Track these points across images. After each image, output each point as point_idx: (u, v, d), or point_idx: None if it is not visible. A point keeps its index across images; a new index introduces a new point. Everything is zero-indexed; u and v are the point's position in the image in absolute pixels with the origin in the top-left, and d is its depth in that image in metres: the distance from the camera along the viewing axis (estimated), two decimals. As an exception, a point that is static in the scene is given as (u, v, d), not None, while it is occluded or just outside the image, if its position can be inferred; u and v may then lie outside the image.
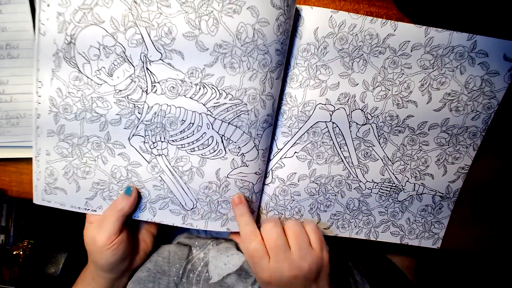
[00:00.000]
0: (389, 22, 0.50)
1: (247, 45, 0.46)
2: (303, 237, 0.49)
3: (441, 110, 0.54)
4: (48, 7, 0.44)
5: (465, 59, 0.52)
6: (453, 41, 0.51)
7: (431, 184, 0.58)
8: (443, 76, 0.52)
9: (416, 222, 0.59)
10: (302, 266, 0.47)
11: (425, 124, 0.55)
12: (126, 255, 0.51)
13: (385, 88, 0.52)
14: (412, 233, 0.60)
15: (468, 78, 0.53)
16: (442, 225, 0.60)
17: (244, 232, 0.50)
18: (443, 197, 0.59)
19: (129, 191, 0.50)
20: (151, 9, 0.44)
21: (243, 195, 0.52)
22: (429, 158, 0.56)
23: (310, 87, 0.51)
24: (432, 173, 0.57)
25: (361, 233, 0.59)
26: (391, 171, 0.56)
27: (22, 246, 1.17)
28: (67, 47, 0.45)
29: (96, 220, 0.50)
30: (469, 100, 0.54)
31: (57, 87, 0.46)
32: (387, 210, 0.58)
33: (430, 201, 0.59)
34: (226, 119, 0.48)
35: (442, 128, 0.55)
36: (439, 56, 0.52)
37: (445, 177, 0.58)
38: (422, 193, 0.58)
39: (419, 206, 0.59)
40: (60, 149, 0.49)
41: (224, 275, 0.53)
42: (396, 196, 0.58)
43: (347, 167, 0.55)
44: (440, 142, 0.56)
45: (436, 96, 0.53)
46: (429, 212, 0.59)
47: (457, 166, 0.57)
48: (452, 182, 0.58)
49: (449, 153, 0.56)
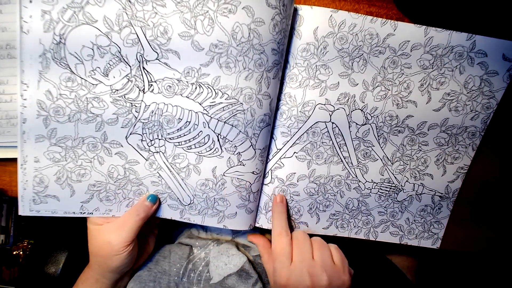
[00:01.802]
0: (389, 22, 0.49)
1: (242, 44, 0.45)
2: (327, 252, 0.49)
3: (440, 110, 0.54)
4: (31, 4, 0.42)
5: (464, 59, 0.52)
6: (453, 41, 0.51)
7: (430, 184, 0.58)
8: (443, 76, 0.52)
9: (416, 222, 0.59)
10: (322, 277, 0.47)
11: (425, 124, 0.54)
12: (136, 256, 0.52)
13: (385, 88, 0.52)
14: (411, 233, 0.60)
15: (468, 78, 0.53)
16: (441, 225, 0.60)
17: (276, 229, 0.51)
18: (442, 197, 0.58)
19: (154, 199, 0.51)
20: (146, 8, 0.43)
21: (285, 197, 0.55)
22: (429, 158, 0.56)
23: (309, 87, 0.51)
24: (431, 173, 0.57)
25: (361, 233, 0.59)
26: (391, 171, 0.56)
27: (22, 246, 1.18)
28: (56, 47, 0.44)
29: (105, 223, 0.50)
30: (468, 100, 0.54)
31: (46, 90, 0.45)
32: (387, 210, 0.58)
33: (429, 201, 0.59)
34: (222, 118, 0.48)
35: (441, 128, 0.55)
36: (438, 56, 0.51)
37: (444, 177, 0.57)
38: (421, 193, 0.58)
39: (419, 206, 0.59)
40: (51, 154, 0.48)
41: (224, 275, 0.53)
42: (396, 196, 0.58)
43: (347, 167, 0.55)
44: (440, 142, 0.56)
45: (435, 96, 0.53)
46: (428, 212, 0.59)
47: (456, 166, 0.57)
48: (452, 182, 0.58)
49: (448, 153, 0.56)
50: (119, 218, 0.50)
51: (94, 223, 0.51)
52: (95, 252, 0.50)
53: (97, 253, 0.50)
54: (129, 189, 0.51)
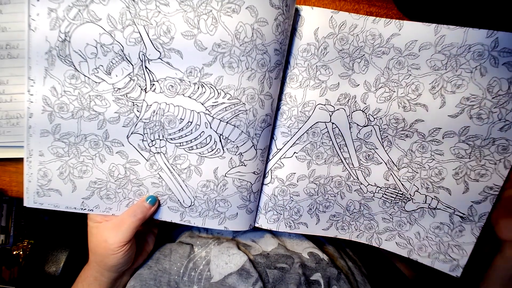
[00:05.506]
0: (394, 22, 0.48)
1: (245, 44, 0.46)
2: None
3: (458, 117, 0.48)
4: (38, 2, 0.43)
5: (485, 59, 0.46)
6: (469, 39, 0.46)
7: (447, 200, 0.51)
8: (459, 78, 0.47)
9: (428, 239, 0.53)
10: None
11: (438, 131, 0.50)
12: (134, 255, 0.52)
13: (389, 89, 0.50)
14: (422, 250, 0.54)
15: (491, 81, 0.47)
16: (463, 251, 0.52)
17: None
18: (464, 218, 0.51)
19: (154, 201, 0.51)
20: (149, 7, 0.44)
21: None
22: (444, 169, 0.51)
23: (310, 87, 0.51)
24: (448, 188, 0.51)
25: (362, 237, 0.56)
26: (397, 177, 0.53)
27: (22, 246, 1.18)
28: (61, 45, 0.45)
29: (104, 221, 0.50)
30: (494, 106, 0.47)
31: (51, 86, 0.46)
32: (392, 218, 0.54)
33: (446, 219, 0.52)
34: (224, 119, 0.48)
35: (460, 138, 0.49)
36: (452, 56, 0.47)
37: (466, 195, 0.50)
38: (435, 207, 0.52)
39: (432, 222, 0.53)
40: (55, 149, 0.49)
41: (225, 275, 0.53)
42: (403, 204, 0.54)
43: (347, 168, 0.54)
44: (459, 154, 0.49)
45: (451, 100, 0.48)
46: (445, 231, 0.52)
47: (483, 184, 0.49)
48: (477, 203, 0.50)
49: (470, 168, 0.49)
50: (117, 217, 0.50)
51: (93, 221, 0.51)
52: (94, 250, 0.50)
53: (96, 251, 0.50)
54: (129, 189, 0.51)
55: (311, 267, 0.56)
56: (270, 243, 0.60)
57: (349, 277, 0.58)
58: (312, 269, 0.55)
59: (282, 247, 0.59)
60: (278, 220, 0.56)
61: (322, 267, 0.56)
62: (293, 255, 0.57)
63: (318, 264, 0.56)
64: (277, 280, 0.53)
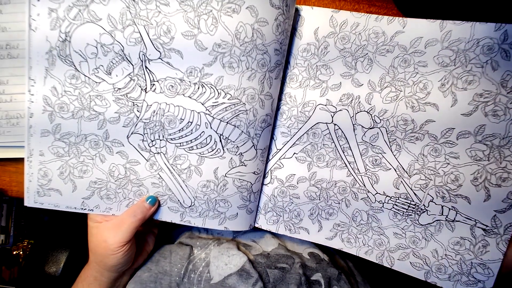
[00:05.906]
0: (397, 19, 0.46)
1: (246, 44, 0.45)
2: None
3: (472, 115, 0.45)
4: (39, 2, 0.44)
5: (496, 53, 0.44)
6: (477, 33, 0.44)
7: (466, 210, 0.46)
8: (470, 73, 0.45)
9: (448, 257, 0.48)
10: None
11: (452, 132, 0.46)
12: (134, 256, 0.52)
13: (396, 89, 0.48)
14: (442, 272, 0.48)
15: (505, 75, 0.44)
16: (488, 271, 0.46)
17: None
18: (487, 231, 0.46)
19: (154, 201, 0.51)
20: (149, 7, 0.44)
21: None
22: (461, 175, 0.46)
23: (310, 87, 0.51)
24: (467, 195, 0.46)
25: (372, 254, 0.51)
26: (408, 185, 0.49)
27: (22, 246, 1.18)
28: (61, 45, 0.45)
29: (104, 221, 0.50)
30: (511, 102, 0.44)
31: (51, 86, 0.46)
32: (405, 234, 0.49)
33: (467, 233, 0.47)
34: (224, 119, 0.48)
35: (476, 138, 0.45)
36: (461, 51, 0.45)
37: (488, 203, 0.45)
38: (453, 219, 0.47)
39: (451, 237, 0.47)
40: (55, 148, 0.49)
41: (225, 276, 0.53)
42: (417, 217, 0.49)
43: (352, 174, 0.51)
44: (476, 156, 0.45)
45: (463, 98, 0.45)
46: (466, 248, 0.47)
47: (506, 190, 0.45)
48: (502, 213, 0.45)
49: (490, 171, 0.45)
50: (117, 218, 0.50)
51: (93, 221, 0.51)
52: (94, 250, 0.50)
53: (95, 251, 0.50)
54: (130, 189, 0.51)
55: (312, 267, 0.55)
56: (270, 243, 0.60)
57: (350, 278, 0.58)
58: (312, 269, 0.55)
59: (283, 247, 0.59)
60: (277, 222, 0.55)
61: (323, 267, 0.56)
62: (293, 255, 0.57)
63: (318, 264, 0.56)
64: (278, 280, 0.53)
